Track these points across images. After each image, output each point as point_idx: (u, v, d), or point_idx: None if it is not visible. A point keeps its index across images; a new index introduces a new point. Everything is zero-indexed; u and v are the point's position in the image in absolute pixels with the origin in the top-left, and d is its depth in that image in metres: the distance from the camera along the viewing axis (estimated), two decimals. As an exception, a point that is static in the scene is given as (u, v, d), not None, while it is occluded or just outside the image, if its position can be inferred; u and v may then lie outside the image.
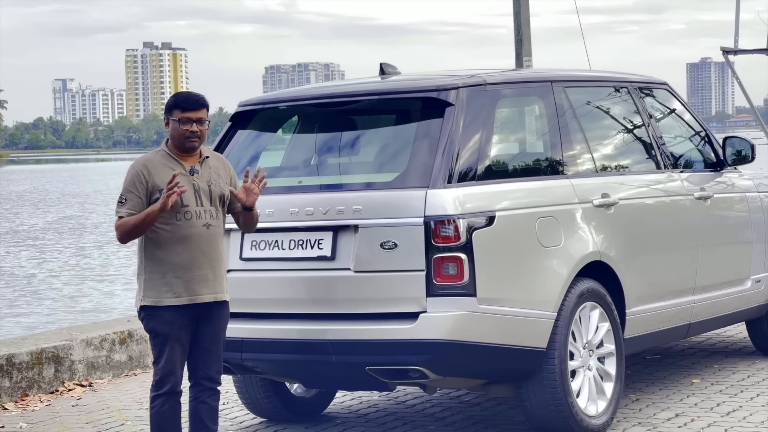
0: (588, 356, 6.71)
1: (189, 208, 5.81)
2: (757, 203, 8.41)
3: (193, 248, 5.81)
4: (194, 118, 5.85)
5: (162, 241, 5.80)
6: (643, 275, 7.18)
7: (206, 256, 5.84)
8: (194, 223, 5.81)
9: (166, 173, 5.80)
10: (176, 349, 5.85)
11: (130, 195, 5.79)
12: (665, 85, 8.19)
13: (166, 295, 5.80)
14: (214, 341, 5.93)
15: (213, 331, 5.92)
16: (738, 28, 18.91)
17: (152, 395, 5.91)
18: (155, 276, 5.81)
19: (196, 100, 5.89)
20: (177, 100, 5.90)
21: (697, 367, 8.48)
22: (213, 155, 6.00)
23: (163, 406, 5.87)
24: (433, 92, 6.47)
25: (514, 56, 14.68)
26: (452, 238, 6.08)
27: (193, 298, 5.83)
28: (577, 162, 7.01)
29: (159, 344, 5.85)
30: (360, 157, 6.83)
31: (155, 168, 5.83)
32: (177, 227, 5.80)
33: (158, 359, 5.87)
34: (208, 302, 5.87)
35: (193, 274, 5.81)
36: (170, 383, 5.86)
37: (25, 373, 8.64)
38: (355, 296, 6.25)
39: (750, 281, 8.24)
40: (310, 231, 6.37)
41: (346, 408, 7.78)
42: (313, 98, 7.02)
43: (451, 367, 6.23)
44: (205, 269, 5.83)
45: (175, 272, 5.79)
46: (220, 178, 5.94)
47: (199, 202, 5.85)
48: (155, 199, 5.77)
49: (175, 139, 5.89)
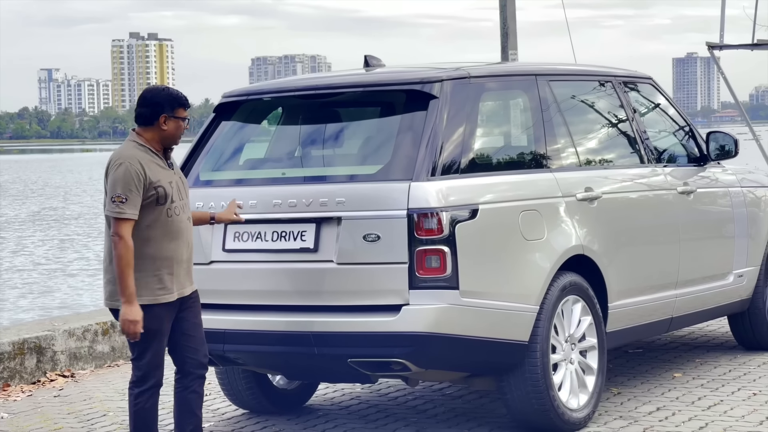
0: (570, 350, 6.73)
1: (176, 203, 5.81)
2: (740, 198, 8.43)
3: (181, 243, 5.82)
4: (188, 116, 5.91)
5: (152, 238, 5.74)
6: (625, 269, 7.19)
7: (189, 248, 5.89)
8: (181, 218, 5.83)
9: (155, 169, 5.78)
10: (163, 342, 5.86)
11: (131, 194, 5.68)
12: (650, 79, 8.21)
13: (160, 292, 5.77)
14: (196, 326, 5.96)
15: (193, 315, 5.94)
16: (723, 23, 18.90)
17: (136, 392, 5.85)
18: (147, 274, 5.74)
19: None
20: (181, 100, 5.86)
21: (678, 361, 8.51)
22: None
23: (148, 402, 5.85)
24: (418, 85, 6.47)
25: (500, 50, 14.69)
26: (435, 230, 6.08)
27: (182, 292, 5.86)
28: (561, 156, 7.02)
29: (147, 340, 5.79)
30: (344, 149, 6.82)
31: (146, 164, 5.77)
32: (168, 223, 5.78)
33: (143, 355, 5.82)
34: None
35: (181, 267, 5.83)
36: (155, 377, 5.85)
37: (7, 364, 8.62)
38: (338, 288, 6.25)
39: (732, 276, 8.26)
40: (293, 223, 6.36)
41: (329, 400, 7.79)
42: (298, 90, 7.01)
43: (433, 360, 6.24)
44: (189, 262, 5.90)
45: (168, 268, 5.78)
46: (179, 170, 6.02)
47: (180, 196, 5.86)
48: (149, 196, 5.72)
49: (172, 137, 5.86)
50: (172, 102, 5.84)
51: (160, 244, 5.76)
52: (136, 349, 5.84)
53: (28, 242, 30.93)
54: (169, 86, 6.00)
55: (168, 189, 5.77)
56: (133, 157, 5.75)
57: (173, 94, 5.88)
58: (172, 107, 5.84)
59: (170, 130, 5.85)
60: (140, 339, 5.78)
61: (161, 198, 5.74)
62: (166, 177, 5.80)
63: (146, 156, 5.81)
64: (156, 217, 5.75)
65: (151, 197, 5.73)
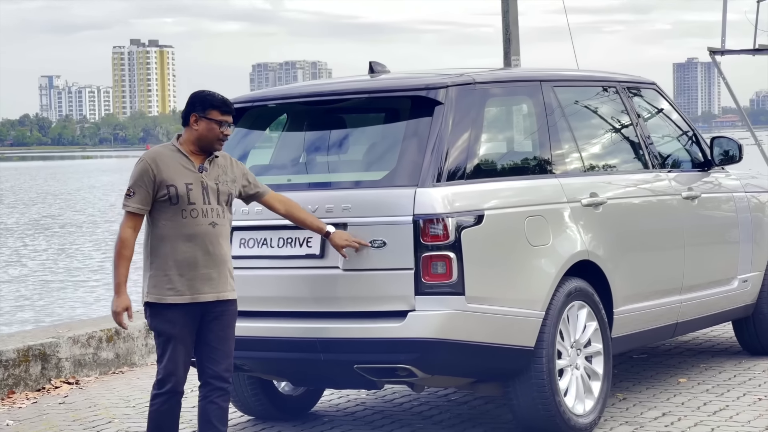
0: (576, 355, 6.73)
1: (196, 205, 5.78)
2: (744, 203, 8.43)
3: (198, 246, 5.77)
4: (230, 121, 5.88)
5: (167, 237, 5.76)
6: (630, 274, 7.19)
7: (210, 255, 5.79)
8: (200, 221, 5.78)
9: (175, 168, 5.78)
10: (179, 348, 5.80)
11: (139, 189, 5.75)
12: (653, 85, 8.21)
13: (168, 293, 5.76)
14: (222, 339, 5.86)
15: (220, 328, 5.85)
16: (725, 28, 18.92)
17: (153, 393, 5.87)
18: (159, 273, 5.77)
19: (232, 104, 5.90)
20: (215, 102, 5.84)
21: (683, 366, 8.51)
22: (221, 154, 5.96)
23: (163, 406, 5.84)
24: (423, 91, 6.48)
25: (503, 55, 14.69)
26: (441, 236, 6.08)
27: (196, 297, 5.78)
28: (566, 161, 7.02)
29: (162, 343, 5.81)
30: (349, 156, 6.83)
31: (164, 162, 5.79)
32: (183, 224, 5.76)
33: (161, 358, 5.82)
34: (212, 301, 5.82)
35: (197, 272, 5.77)
36: (171, 383, 5.82)
37: (12, 371, 8.62)
38: (344, 294, 6.26)
39: (737, 281, 8.26)
40: (300, 229, 6.36)
41: (334, 406, 7.79)
42: (303, 96, 7.02)
43: (439, 366, 6.24)
44: (209, 268, 5.79)
45: (179, 270, 5.76)
46: (227, 176, 5.91)
47: (206, 200, 5.81)
48: (162, 194, 5.74)
49: (207, 139, 5.83)
50: (204, 102, 5.84)
51: (174, 244, 5.75)
52: (158, 351, 5.87)
53: (26, 251, 30.81)
54: (214, 91, 5.94)
55: (182, 190, 5.75)
56: (151, 155, 5.81)
57: (209, 95, 5.88)
58: (203, 107, 5.83)
59: (201, 131, 5.83)
60: (158, 341, 5.81)
61: (173, 198, 5.74)
62: (184, 178, 5.78)
63: (170, 155, 5.82)
64: (170, 216, 5.76)
65: (164, 196, 5.74)
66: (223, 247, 5.84)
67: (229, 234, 5.93)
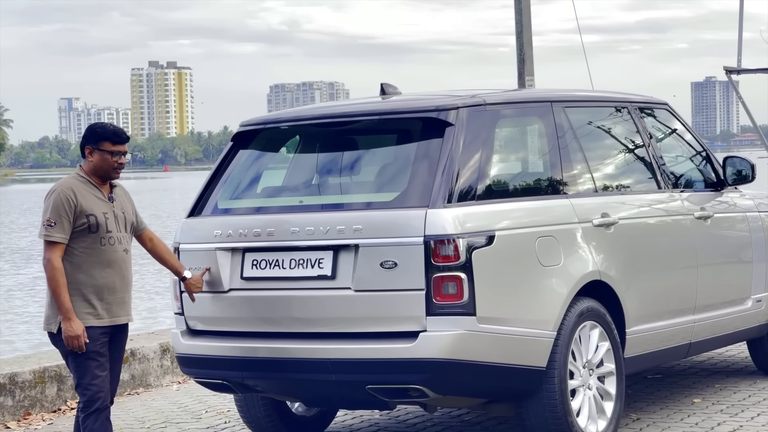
0: (588, 375, 6.72)
1: (112, 234, 6.15)
2: (757, 223, 8.42)
3: (115, 272, 6.13)
4: (123, 151, 6.20)
5: (85, 264, 6.07)
6: (643, 294, 7.19)
7: (124, 280, 6.20)
8: (117, 249, 6.16)
9: (90, 199, 6.13)
10: (103, 365, 6.09)
11: (60, 219, 6.04)
12: (666, 105, 8.22)
13: (87, 316, 6.07)
14: (118, 361, 6.28)
15: (119, 352, 6.27)
16: (741, 47, 18.92)
17: (82, 416, 6.08)
18: (77, 298, 6.05)
19: (125, 134, 6.25)
20: (106, 133, 6.20)
21: (698, 386, 8.49)
22: (118, 184, 6.33)
23: (95, 423, 6.04)
24: (433, 112, 6.51)
25: (517, 75, 14.73)
26: (452, 257, 6.10)
27: (114, 320, 6.16)
28: (577, 182, 7.04)
29: (84, 362, 6.04)
30: (360, 177, 6.85)
31: (80, 194, 6.11)
32: (101, 252, 6.10)
33: (83, 377, 6.06)
34: (122, 324, 6.21)
35: (115, 296, 6.15)
36: (100, 400, 6.06)
37: (28, 392, 8.66)
38: (356, 315, 6.28)
39: (751, 301, 8.25)
40: (311, 250, 6.39)
41: (347, 427, 7.79)
42: (314, 118, 7.06)
43: (451, 386, 6.25)
44: (124, 292, 6.21)
45: (98, 294, 6.09)
46: (126, 207, 6.29)
47: (119, 229, 6.18)
48: (81, 223, 6.04)
49: (102, 169, 6.18)
50: (95, 135, 6.19)
51: (92, 270, 6.08)
52: (76, 374, 6.09)
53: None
54: (110, 123, 6.32)
55: (101, 219, 6.09)
56: (67, 186, 6.11)
57: (99, 127, 6.23)
58: (96, 140, 6.18)
59: (96, 162, 6.17)
60: (74, 362, 6.04)
61: (92, 227, 6.08)
62: (100, 208, 6.12)
63: (83, 186, 6.15)
64: (88, 244, 6.07)
65: (83, 225, 6.06)
66: (131, 272, 6.28)
67: None
